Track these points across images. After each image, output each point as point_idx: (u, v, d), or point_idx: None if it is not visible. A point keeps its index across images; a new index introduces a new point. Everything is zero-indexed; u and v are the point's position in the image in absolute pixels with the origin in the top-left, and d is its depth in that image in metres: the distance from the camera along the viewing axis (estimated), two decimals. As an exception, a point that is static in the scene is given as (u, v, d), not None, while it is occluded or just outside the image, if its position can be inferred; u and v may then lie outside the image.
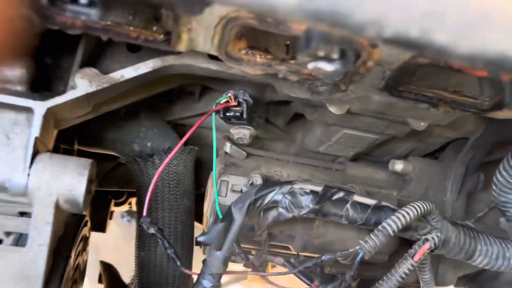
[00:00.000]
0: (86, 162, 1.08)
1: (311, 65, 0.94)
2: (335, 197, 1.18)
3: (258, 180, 1.36)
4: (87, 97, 1.09)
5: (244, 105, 1.26)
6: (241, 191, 1.39)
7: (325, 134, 1.47)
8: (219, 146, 1.56)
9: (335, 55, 0.94)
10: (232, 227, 1.14)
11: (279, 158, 1.55)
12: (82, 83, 1.08)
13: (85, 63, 1.12)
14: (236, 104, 1.27)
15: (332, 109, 1.19)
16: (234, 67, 1.06)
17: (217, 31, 0.96)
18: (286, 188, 1.17)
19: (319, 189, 1.18)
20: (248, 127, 1.41)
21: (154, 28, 1.00)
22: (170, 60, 1.14)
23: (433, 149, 1.61)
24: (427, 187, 1.52)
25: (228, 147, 1.49)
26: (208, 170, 1.70)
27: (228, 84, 1.38)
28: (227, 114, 1.28)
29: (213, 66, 1.16)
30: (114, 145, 1.42)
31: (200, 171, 1.67)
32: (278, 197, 1.16)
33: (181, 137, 1.50)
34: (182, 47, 1.01)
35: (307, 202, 1.15)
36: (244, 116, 1.27)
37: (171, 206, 1.47)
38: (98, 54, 1.19)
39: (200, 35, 0.99)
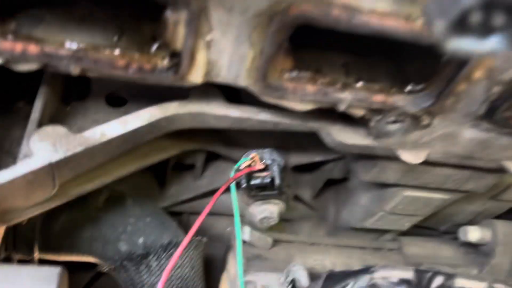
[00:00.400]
0: (52, 273, 0.67)
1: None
2: (434, 284, 0.79)
3: (302, 275, 0.96)
4: (51, 170, 0.70)
5: (275, 167, 0.90)
6: (276, 294, 0.99)
7: (376, 202, 1.11)
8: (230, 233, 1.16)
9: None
10: None
11: (315, 242, 1.16)
12: (42, 148, 0.69)
13: (46, 121, 0.75)
14: (262, 167, 0.90)
15: (406, 157, 0.84)
16: (274, 102, 0.71)
17: (255, 39, 0.62)
18: (364, 280, 0.77)
19: (408, 275, 0.79)
20: (276, 201, 1.03)
21: (153, 49, 0.65)
22: (172, 109, 0.78)
23: (506, 208, 1.25)
24: (515, 258, 1.14)
25: (247, 233, 1.10)
26: (218, 269, 1.28)
27: (241, 148, 1.02)
28: (252, 183, 0.90)
29: (234, 112, 0.81)
30: (91, 248, 1.00)
31: (209, 271, 1.25)
32: (356, 295, 0.76)
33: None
34: (197, 75, 0.67)
35: (400, 297, 0.76)
36: (277, 182, 0.90)
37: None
38: (63, 111, 0.82)
39: (225, 52, 0.64)
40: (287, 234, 1.16)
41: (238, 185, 0.92)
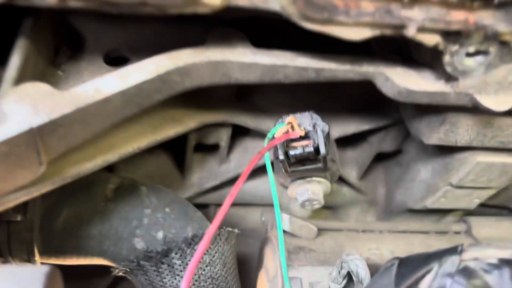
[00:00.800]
0: (39, 273, 0.50)
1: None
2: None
3: (360, 265, 0.77)
4: (32, 139, 0.53)
5: (319, 132, 0.71)
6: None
7: (439, 174, 0.92)
8: (267, 224, 0.98)
9: None
10: None
11: (367, 229, 0.97)
12: (20, 110, 0.53)
13: (27, 76, 0.58)
14: (303, 135, 0.71)
15: (488, 103, 0.65)
16: (319, 29, 0.53)
17: None
18: (452, 263, 0.58)
19: (509, 254, 0.59)
20: (320, 179, 0.85)
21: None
22: (186, 57, 0.61)
23: None
24: None
25: (287, 221, 0.92)
26: (253, 268, 1.11)
27: (272, 118, 0.85)
28: (292, 153, 0.72)
29: (264, 58, 0.63)
30: (100, 247, 0.83)
31: (242, 271, 1.07)
32: (444, 282, 0.57)
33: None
34: (213, -7, 0.49)
35: (504, 283, 0.56)
36: (322, 151, 0.71)
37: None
38: (53, 75, 0.66)
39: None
40: (333, 222, 0.97)
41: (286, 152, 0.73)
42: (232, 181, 1.02)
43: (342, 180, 1.08)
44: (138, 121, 0.73)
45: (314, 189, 0.85)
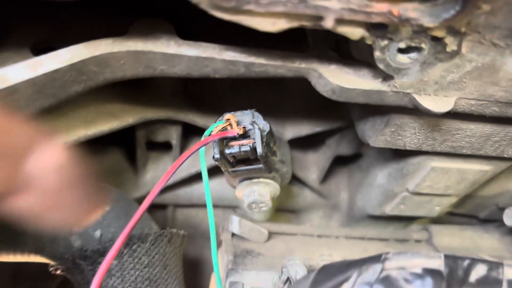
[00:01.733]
0: None
1: None
2: (474, 276, 0.56)
3: (299, 271, 0.74)
4: None
5: (257, 131, 0.67)
6: (269, 297, 0.77)
7: (395, 179, 0.88)
8: (219, 227, 0.95)
9: None
10: None
11: (322, 234, 0.94)
12: None
13: None
14: (240, 133, 0.68)
15: (428, 104, 0.61)
16: (231, 19, 0.50)
17: None
18: (373, 272, 0.55)
19: (438, 264, 0.56)
20: (266, 180, 0.81)
21: None
22: (103, 46, 0.58)
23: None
24: None
25: (236, 224, 0.89)
26: (207, 270, 1.08)
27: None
28: (227, 151, 0.68)
29: (190, 50, 0.60)
30: (37, 244, 0.80)
31: (195, 274, 1.04)
32: (361, 292, 0.53)
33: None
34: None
35: (425, 294, 0.53)
36: (259, 151, 0.67)
37: None
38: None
39: None
40: (288, 225, 0.94)
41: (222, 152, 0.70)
42: (186, 181, 0.99)
43: (303, 183, 1.04)
44: (68, 114, 0.71)
45: (261, 190, 0.82)
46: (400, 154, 0.84)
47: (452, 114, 0.66)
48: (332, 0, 0.50)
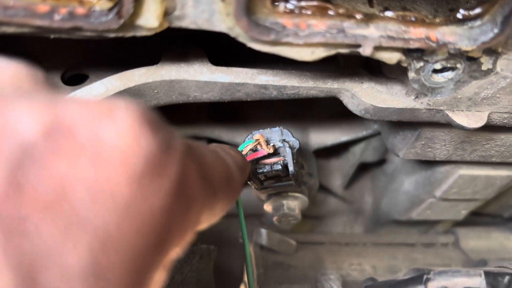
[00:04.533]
0: None
1: None
2: (515, 292, 0.56)
3: (334, 286, 0.75)
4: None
5: (288, 149, 0.68)
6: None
7: (423, 186, 0.88)
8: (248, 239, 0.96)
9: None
10: None
11: (349, 242, 0.94)
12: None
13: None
14: (271, 152, 0.68)
15: (461, 120, 0.61)
16: (269, 50, 0.50)
17: None
18: (417, 293, 0.55)
19: (478, 282, 0.56)
20: (296, 194, 0.82)
21: (84, -15, 0.45)
22: (137, 77, 0.58)
23: None
24: None
25: (264, 236, 0.89)
26: (234, 279, 1.09)
27: (247, 131, 0.82)
28: (259, 171, 0.69)
29: (222, 76, 0.60)
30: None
31: (228, 281, 1.05)
32: (406, 315, 0.54)
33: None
34: (150, 17, 0.46)
35: (471, 315, 0.53)
36: (291, 169, 0.68)
37: None
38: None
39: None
40: (315, 234, 0.94)
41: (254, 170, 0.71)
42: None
43: (326, 189, 1.05)
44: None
45: (290, 204, 0.83)
46: (428, 162, 0.84)
47: (485, 127, 0.66)
48: (371, 28, 0.50)
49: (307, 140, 0.91)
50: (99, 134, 0.25)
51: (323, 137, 0.90)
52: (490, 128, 0.68)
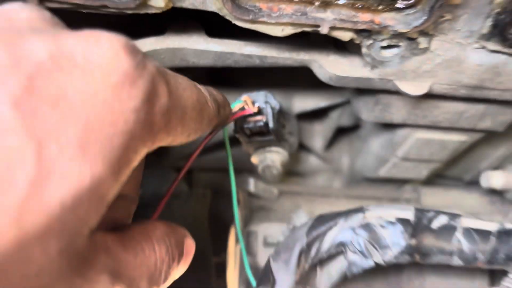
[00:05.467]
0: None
1: None
2: (436, 224, 0.73)
3: (303, 220, 0.91)
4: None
5: (269, 110, 0.84)
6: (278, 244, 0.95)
7: (387, 147, 1.04)
8: (239, 187, 1.12)
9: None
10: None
11: (324, 193, 1.11)
12: None
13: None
14: (256, 111, 0.84)
15: (406, 88, 0.77)
16: (249, 27, 0.66)
17: (212, -51, 0.56)
18: (357, 219, 0.71)
19: (408, 215, 0.72)
20: (277, 148, 0.98)
21: (110, -28, 0.60)
22: (148, 44, 0.74)
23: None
24: (544, 205, 1.04)
25: (251, 184, 1.06)
26: (229, 224, 1.26)
27: (242, 92, 0.97)
28: (245, 126, 0.85)
29: (215, 46, 0.76)
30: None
31: (217, 231, 1.22)
32: (346, 235, 0.71)
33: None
34: (159, 0, 0.62)
35: (395, 237, 0.69)
36: (271, 125, 0.84)
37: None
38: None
39: (185, -31, 0.59)
40: (295, 185, 1.11)
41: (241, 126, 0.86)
42: (208, 149, 1.16)
43: (309, 150, 1.20)
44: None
45: (272, 157, 0.99)
46: (390, 127, 0.99)
47: (429, 95, 0.81)
48: (327, 12, 0.64)
49: (290, 105, 1.06)
50: (89, 57, 0.35)
51: (305, 102, 1.05)
52: (435, 96, 0.83)
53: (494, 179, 1.04)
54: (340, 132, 1.20)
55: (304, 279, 0.75)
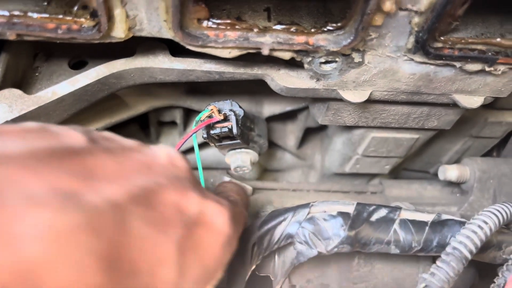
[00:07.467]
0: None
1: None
2: (375, 217, 0.82)
3: (269, 216, 1.02)
4: (9, 128, 0.79)
5: (233, 116, 0.94)
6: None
7: (348, 145, 1.13)
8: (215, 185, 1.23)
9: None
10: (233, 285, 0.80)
11: (296, 189, 1.21)
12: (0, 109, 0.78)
13: (9, 86, 0.83)
14: (222, 118, 0.95)
15: (348, 96, 0.86)
16: (200, 50, 0.76)
17: (160, -8, 0.67)
18: (302, 214, 0.82)
19: (349, 209, 0.82)
20: (247, 150, 1.08)
21: (75, 11, 0.71)
22: (118, 65, 0.84)
23: (491, 145, 1.24)
24: (495, 194, 1.13)
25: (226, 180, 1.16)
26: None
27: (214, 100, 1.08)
28: (212, 132, 0.95)
29: (178, 65, 0.86)
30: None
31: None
32: (293, 228, 0.81)
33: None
34: (119, 31, 0.72)
35: (335, 229, 0.80)
36: (234, 131, 0.94)
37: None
38: (32, 77, 0.90)
39: (140, 6, 0.69)
40: (269, 182, 1.21)
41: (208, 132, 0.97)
42: (189, 150, 1.27)
43: (283, 148, 1.31)
44: (97, 107, 0.98)
45: (243, 158, 1.09)
46: (348, 127, 1.09)
47: (373, 101, 0.90)
48: (266, 36, 0.74)
49: (261, 109, 1.16)
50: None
51: (273, 107, 1.15)
52: (379, 101, 0.92)
53: (449, 172, 1.12)
54: (313, 131, 1.30)
55: (261, 267, 0.86)
